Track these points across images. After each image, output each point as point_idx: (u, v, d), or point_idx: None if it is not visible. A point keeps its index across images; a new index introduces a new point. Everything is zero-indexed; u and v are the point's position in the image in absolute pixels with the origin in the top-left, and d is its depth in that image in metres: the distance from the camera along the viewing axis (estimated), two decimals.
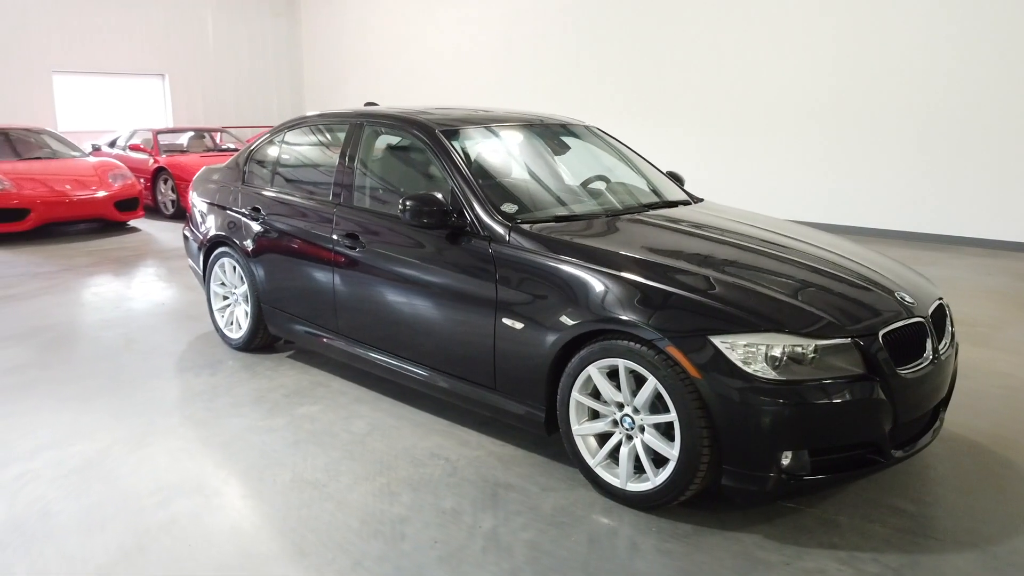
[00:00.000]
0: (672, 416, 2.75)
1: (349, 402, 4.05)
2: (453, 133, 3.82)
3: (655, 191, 4.22)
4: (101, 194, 9.42)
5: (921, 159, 9.02)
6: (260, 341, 4.75)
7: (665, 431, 2.83)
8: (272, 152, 4.76)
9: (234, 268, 4.77)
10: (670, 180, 4.51)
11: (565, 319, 3.02)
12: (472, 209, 3.44)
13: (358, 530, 2.82)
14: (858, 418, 2.73)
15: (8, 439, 3.61)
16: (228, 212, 4.79)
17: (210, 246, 4.94)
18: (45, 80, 13.78)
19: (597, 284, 2.99)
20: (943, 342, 3.12)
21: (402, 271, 3.68)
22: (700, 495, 2.86)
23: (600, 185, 4.14)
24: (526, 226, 3.36)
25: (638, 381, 2.87)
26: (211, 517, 2.92)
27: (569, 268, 3.09)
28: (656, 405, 2.83)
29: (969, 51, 8.52)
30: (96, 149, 11.15)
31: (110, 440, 3.59)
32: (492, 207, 3.44)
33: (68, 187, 9.26)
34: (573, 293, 3.03)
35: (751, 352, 2.65)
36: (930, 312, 3.06)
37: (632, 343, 2.83)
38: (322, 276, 4.10)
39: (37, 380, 4.40)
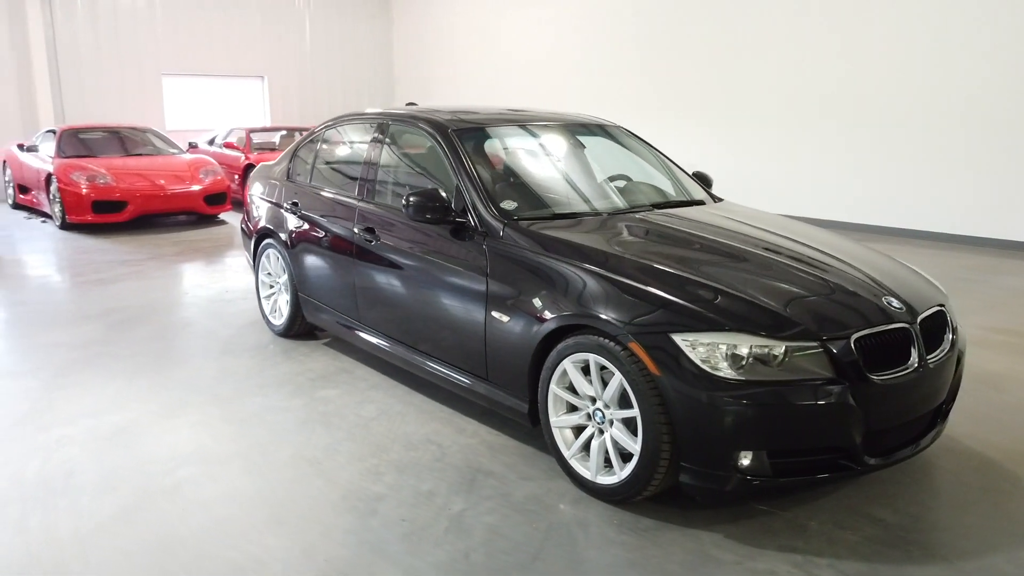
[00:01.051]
0: (635, 412, 2.79)
1: (366, 388, 4.25)
2: (465, 132, 3.95)
3: (670, 191, 4.22)
4: (192, 189, 10.08)
5: (978, 160, 8.51)
6: (299, 328, 5.03)
7: (631, 426, 2.87)
8: (311, 149, 5.03)
9: (277, 258, 5.07)
10: (694, 180, 4.49)
11: (544, 314, 3.10)
12: (472, 205, 3.57)
13: (336, 505, 3.00)
14: (823, 422, 2.69)
15: (58, 405, 3.99)
16: (273, 206, 5.10)
17: (258, 237, 5.26)
18: (155, 83, 14.80)
19: (574, 280, 3.06)
20: (940, 349, 3.02)
21: (410, 264, 3.84)
22: (676, 493, 2.88)
23: (614, 184, 4.18)
24: (521, 223, 3.45)
25: (610, 376, 2.92)
26: (209, 486, 3.16)
27: (550, 264, 3.17)
28: (623, 400, 2.87)
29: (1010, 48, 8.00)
30: (192, 147, 11.90)
31: (142, 412, 3.92)
32: (491, 204, 3.55)
33: (163, 182, 9.95)
34: (553, 288, 3.11)
35: (712, 351, 2.66)
36: (921, 319, 2.96)
37: (601, 339, 2.88)
38: (345, 267, 4.32)
39: (98, 355, 4.83)
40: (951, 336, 3.12)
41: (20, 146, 11.28)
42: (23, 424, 3.76)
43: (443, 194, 3.59)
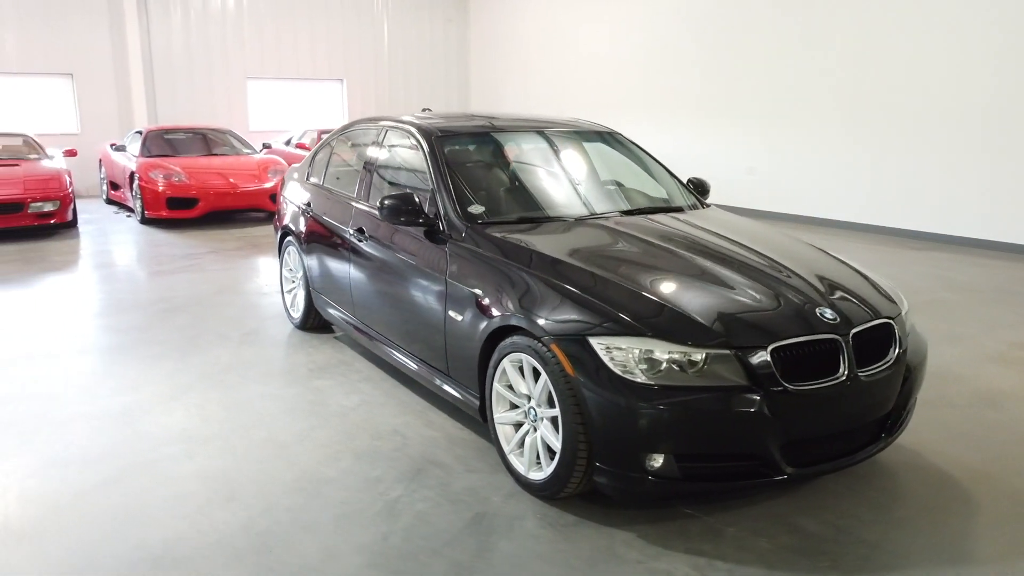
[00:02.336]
0: (557, 411, 2.90)
1: (357, 380, 4.49)
2: (448, 138, 4.13)
3: (650, 197, 4.27)
4: (261, 187, 10.65)
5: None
6: (313, 322, 5.33)
7: (557, 426, 2.97)
8: (325, 152, 5.33)
9: (295, 255, 5.39)
10: (686, 187, 4.52)
11: (489, 314, 3.24)
12: (443, 208, 3.75)
13: (288, 485, 3.23)
14: (735, 429, 2.73)
15: (83, 386, 4.40)
16: (293, 205, 5.42)
17: (281, 235, 5.61)
18: (240, 86, 15.65)
19: (515, 282, 3.19)
20: (881, 363, 2.99)
21: (389, 263, 4.06)
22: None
23: (594, 189, 4.26)
24: (482, 227, 3.60)
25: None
26: (185, 463, 3.46)
27: (496, 266, 3.31)
28: (550, 400, 2.98)
29: None
30: (267, 147, 12.53)
31: (152, 394, 4.28)
32: (458, 207, 3.71)
33: (233, 180, 10.56)
34: (497, 289, 3.25)
35: (626, 355, 2.74)
36: (856, 331, 2.94)
37: (531, 340, 3.00)
38: (343, 265, 4.57)
39: (135, 341, 5.26)
40: (897, 350, 3.06)
41: (112, 146, 12.19)
42: (44, 400, 4.18)
43: (416, 198, 3.78)
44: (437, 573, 2.61)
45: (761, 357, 2.74)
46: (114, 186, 12.31)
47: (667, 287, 3.02)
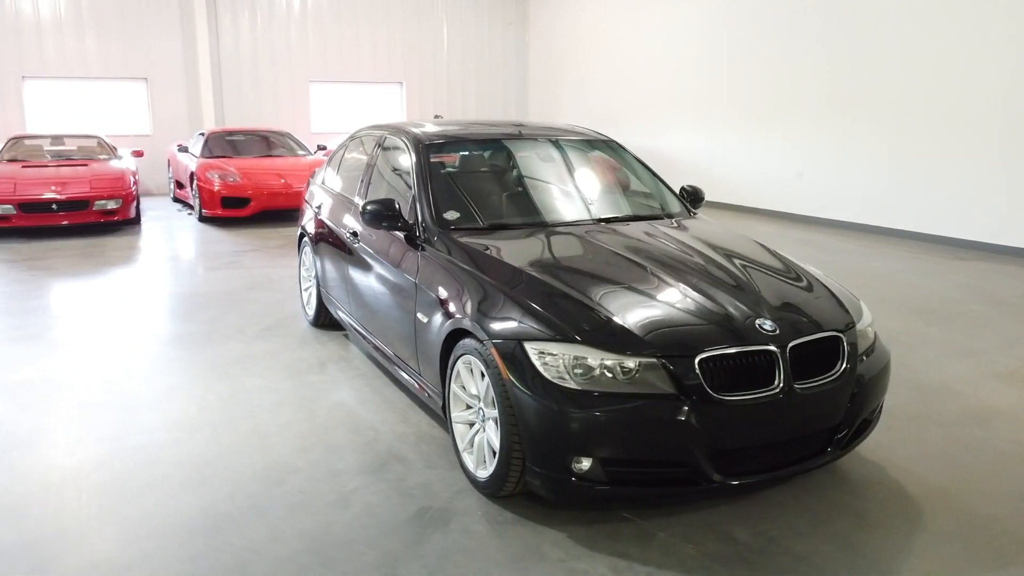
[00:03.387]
0: (496, 412, 3.01)
1: (351, 376, 4.69)
2: (436, 146, 4.28)
3: (632, 205, 4.32)
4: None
5: None
6: (325, 319, 5.57)
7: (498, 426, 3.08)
8: (337, 156, 5.56)
9: (309, 255, 5.64)
10: (676, 195, 4.55)
11: (447, 316, 3.37)
12: (421, 214, 3.90)
13: (256, 473, 3.44)
14: (660, 436, 2.78)
15: (103, 376, 4.74)
16: (308, 206, 5.68)
17: (300, 236, 5.87)
18: (303, 89, 16.21)
19: (470, 286, 3.31)
20: (826, 376, 2.99)
21: (376, 265, 4.24)
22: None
23: (574, 197, 4.34)
24: (453, 232, 3.74)
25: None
26: (171, 449, 3.71)
27: (456, 270, 3.45)
28: (493, 401, 3.09)
29: None
30: (322, 149, 12.96)
31: (161, 384, 4.58)
32: (434, 213, 3.86)
33: (285, 180, 10.99)
34: (457, 293, 3.38)
35: (556, 360, 2.83)
36: (796, 343, 2.94)
37: (477, 343, 3.12)
38: (343, 265, 4.78)
39: (158, 333, 5.62)
40: (845, 365, 3.05)
41: (178, 147, 12.84)
42: (61, 388, 4.52)
43: (397, 204, 3.94)
44: (367, 561, 2.76)
45: (688, 367, 2.78)
46: (179, 185, 12.96)
47: (609, 296, 3.09)
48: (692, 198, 4.66)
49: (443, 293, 3.46)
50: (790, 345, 2.93)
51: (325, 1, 16.04)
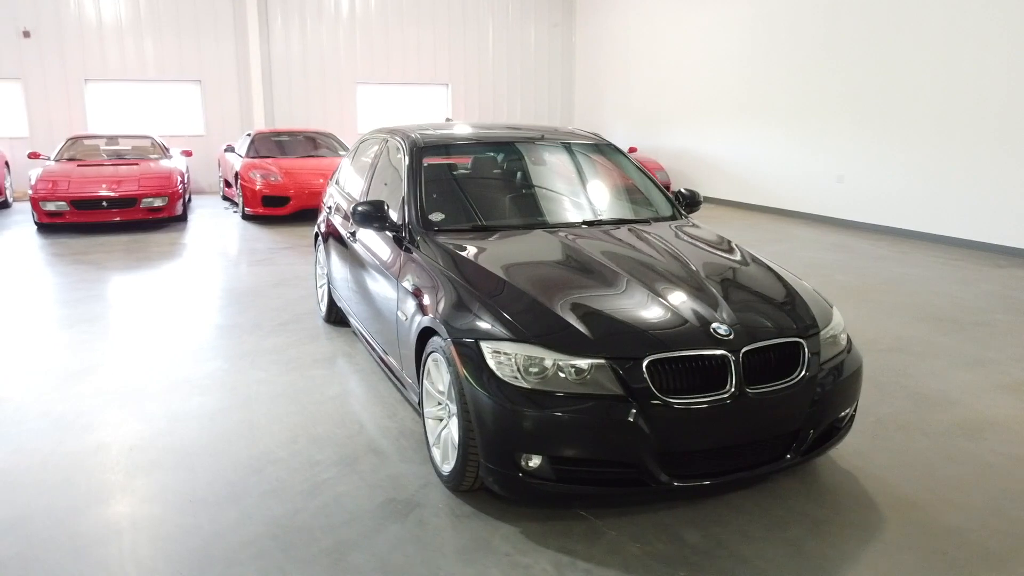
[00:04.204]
0: (456, 408, 3.11)
1: (349, 371, 4.84)
2: (429, 149, 4.39)
3: (622, 208, 4.36)
4: None
5: None
6: (335, 315, 5.75)
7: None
8: (349, 158, 5.72)
9: (323, 253, 5.82)
10: (668, 199, 4.56)
11: (419, 314, 3.48)
12: (408, 215, 4.02)
13: (239, 462, 3.60)
14: (608, 436, 2.83)
15: (119, 363, 5.00)
16: (324, 205, 5.87)
17: (315, 235, 6.06)
18: (350, 90, 16.57)
19: (442, 286, 3.41)
20: (784, 380, 2.99)
21: (368, 264, 4.37)
22: None
23: (560, 200, 4.40)
24: (436, 234, 3.84)
25: None
26: (166, 436, 3.90)
27: (434, 270, 3.55)
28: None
29: None
30: None
31: (173, 375, 4.80)
32: (420, 214, 3.97)
33: (321, 180, 11.26)
34: (430, 292, 3.48)
35: (509, 360, 2.91)
36: (750, 348, 2.95)
37: (441, 340, 3.22)
38: (345, 263, 4.94)
39: (185, 325, 5.87)
40: (803, 371, 3.04)
41: (226, 147, 13.28)
42: (77, 376, 4.79)
43: (386, 205, 4.07)
44: (321, 547, 2.88)
45: (636, 369, 2.82)
46: (227, 184, 13.40)
47: (569, 298, 3.15)
48: (688, 202, 4.66)
49: (419, 292, 3.57)
50: (744, 350, 2.95)
51: (373, 4, 16.37)
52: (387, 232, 4.14)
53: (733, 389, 2.89)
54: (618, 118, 16.76)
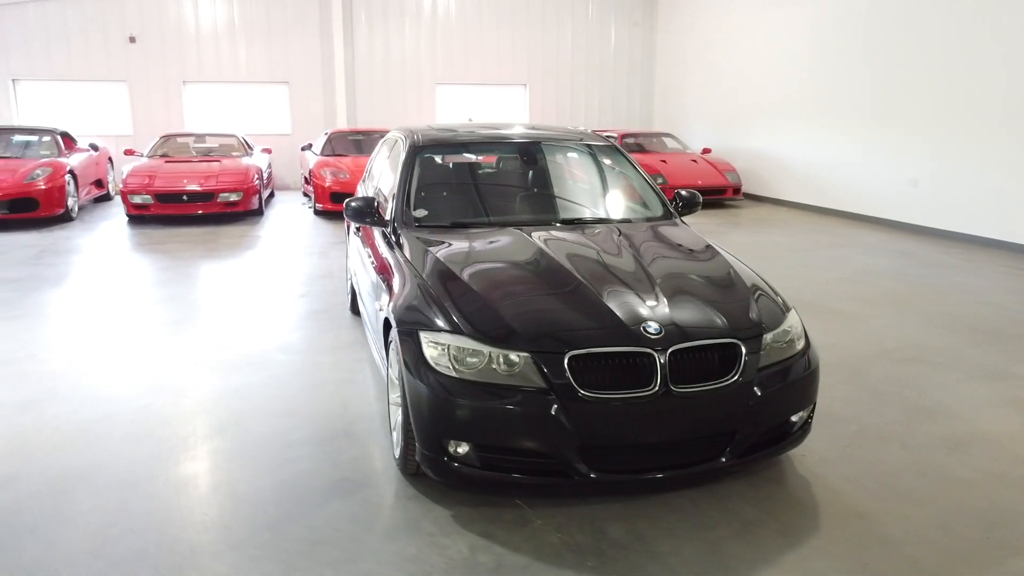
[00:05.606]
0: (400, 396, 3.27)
1: (357, 359, 5.08)
2: (426, 148, 4.58)
3: (607, 208, 4.41)
4: None
5: None
6: (359, 307, 6.01)
7: None
8: (373, 155, 5.98)
9: (350, 247, 6.11)
10: (662, 200, 4.58)
11: (387, 306, 3.67)
12: (395, 211, 4.22)
13: (221, 435, 3.88)
14: (529, 428, 2.93)
15: (153, 349, 5.43)
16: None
17: (347, 228, 6.36)
18: (430, 90, 17.01)
19: (405, 279, 3.59)
20: (716, 381, 3.01)
21: (365, 257, 4.60)
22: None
23: (544, 199, 4.48)
24: (415, 229, 4.02)
25: None
26: (160, 411, 4.23)
27: (404, 264, 3.73)
28: None
29: None
30: None
31: (195, 358, 5.18)
32: (406, 211, 4.16)
33: None
34: (398, 284, 3.66)
35: (444, 350, 3.05)
36: (680, 347, 2.98)
37: (394, 330, 3.39)
38: (356, 256, 5.19)
39: (222, 312, 6.29)
40: (736, 372, 3.04)
41: (304, 146, 13.93)
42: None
43: (376, 202, 4.28)
44: (263, 520, 3.09)
45: (558, 364, 2.91)
46: (306, 180, 14.05)
47: (511, 294, 3.26)
48: (685, 204, 4.65)
49: (391, 284, 3.75)
50: (671, 349, 2.97)
51: (453, 6, 16.74)
52: (379, 227, 4.34)
53: (657, 387, 2.92)
54: (698, 119, 16.50)
